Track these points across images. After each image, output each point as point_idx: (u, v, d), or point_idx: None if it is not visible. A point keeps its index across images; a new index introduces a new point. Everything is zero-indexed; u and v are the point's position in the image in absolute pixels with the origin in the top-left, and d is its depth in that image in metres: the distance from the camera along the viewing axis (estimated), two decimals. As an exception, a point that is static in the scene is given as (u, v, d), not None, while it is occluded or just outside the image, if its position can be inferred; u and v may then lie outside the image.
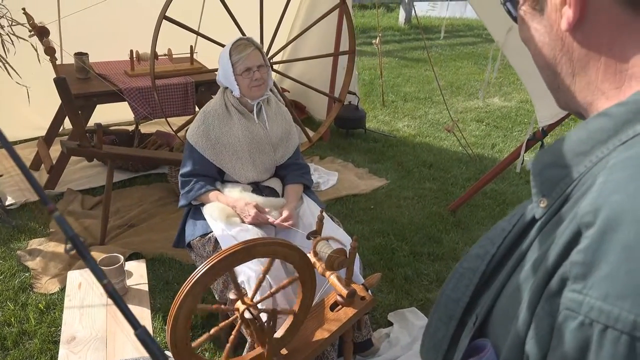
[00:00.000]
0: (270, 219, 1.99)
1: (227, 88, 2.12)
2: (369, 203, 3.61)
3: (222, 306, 1.42)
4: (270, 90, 2.22)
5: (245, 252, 1.34)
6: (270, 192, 2.20)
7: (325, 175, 3.93)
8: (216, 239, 1.99)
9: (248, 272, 1.82)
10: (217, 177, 2.19)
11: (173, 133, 3.47)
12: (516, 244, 0.57)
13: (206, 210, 2.08)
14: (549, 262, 0.47)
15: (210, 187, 2.11)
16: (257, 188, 2.20)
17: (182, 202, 2.15)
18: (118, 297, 0.61)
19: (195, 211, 2.18)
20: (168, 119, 3.38)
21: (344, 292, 1.65)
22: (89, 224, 3.16)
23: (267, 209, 2.04)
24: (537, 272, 0.49)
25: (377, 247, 3.04)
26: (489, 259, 0.59)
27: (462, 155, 4.46)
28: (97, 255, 2.72)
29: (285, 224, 1.97)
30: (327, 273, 1.70)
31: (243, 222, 2.02)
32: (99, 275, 0.60)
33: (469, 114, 5.56)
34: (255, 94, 2.09)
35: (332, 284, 1.69)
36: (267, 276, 1.79)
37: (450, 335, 0.60)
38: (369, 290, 1.81)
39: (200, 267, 1.29)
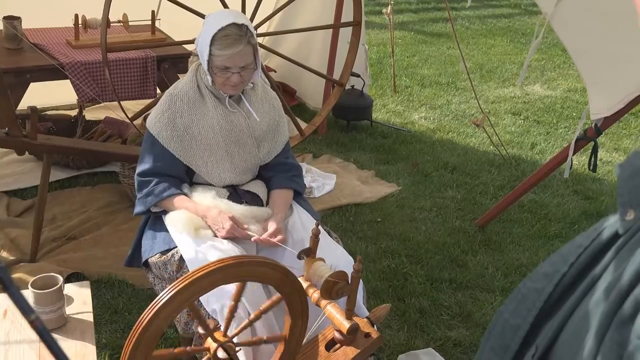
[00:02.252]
0: (252, 235, 1.99)
1: (200, 65, 2.13)
2: (375, 215, 3.62)
3: (189, 347, 1.41)
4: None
5: (228, 272, 1.33)
6: (252, 199, 2.20)
7: (321, 179, 3.94)
8: (181, 257, 1.99)
9: (220, 299, 1.82)
10: (184, 178, 2.19)
11: (128, 120, 3.46)
12: (591, 264, 0.58)
13: (169, 220, 2.07)
14: (623, 282, 0.48)
15: (175, 190, 2.10)
16: (235, 193, 2.20)
17: (138, 208, 2.14)
18: (50, 338, 0.60)
19: (155, 221, 2.17)
20: (122, 102, 3.37)
21: (344, 326, 1.65)
22: (16, 235, 3.14)
23: (246, 221, 2.04)
24: (609, 295, 0.50)
25: (385, 271, 3.05)
26: (558, 279, 0.60)
27: (494, 157, 4.48)
28: (27, 276, 2.72)
29: (274, 239, 1.97)
30: (323, 302, 1.69)
31: (216, 235, 2.02)
32: (25, 309, 0.59)
33: (503, 105, 5.59)
34: (227, 91, 2.11)
35: (329, 317, 1.69)
36: (245, 302, 1.79)
37: None
38: (375, 326, 1.80)
39: (163, 293, 1.28)
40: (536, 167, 4.10)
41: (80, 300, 2.00)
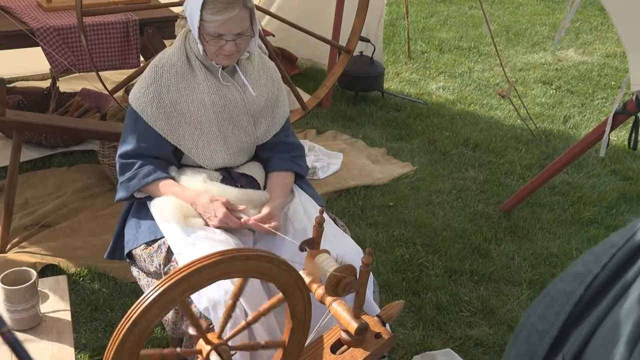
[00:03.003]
0: (244, 218, 2.00)
1: (190, 32, 2.12)
2: (387, 198, 3.63)
3: (179, 349, 1.42)
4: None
5: (221, 267, 1.34)
6: (248, 182, 2.20)
7: (325, 158, 3.94)
8: (169, 248, 2.00)
9: (214, 295, 1.83)
10: (171, 160, 2.19)
11: (107, 93, 3.45)
12: (625, 267, 0.58)
13: (155, 207, 2.08)
14: None
15: (161, 173, 2.11)
16: (229, 176, 2.20)
17: (120, 194, 2.15)
18: (24, 352, 0.60)
19: (139, 208, 2.18)
20: (100, 72, 3.36)
21: (352, 326, 1.66)
22: (-16, 223, 3.16)
23: (241, 207, 2.05)
24: None
25: (398, 262, 3.06)
26: (589, 281, 0.60)
27: (521, 132, 4.47)
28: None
29: (265, 225, 1.98)
30: (328, 299, 1.70)
31: (207, 224, 2.03)
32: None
33: (532, 73, 5.57)
34: (221, 61, 2.11)
35: (335, 316, 1.70)
36: (241, 300, 1.80)
37: None
38: (387, 325, 1.81)
39: (150, 290, 1.29)
40: (569, 144, 4.09)
41: (56, 296, 2.02)
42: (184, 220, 2.01)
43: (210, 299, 1.83)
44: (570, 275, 0.63)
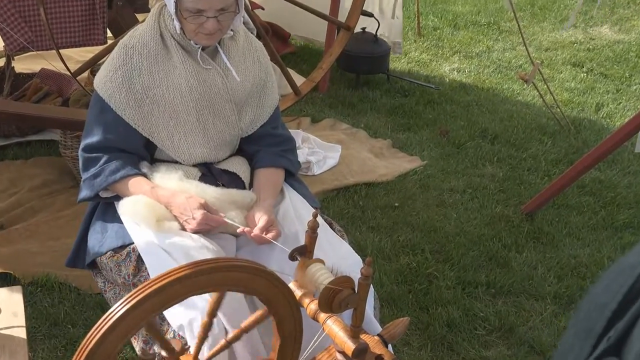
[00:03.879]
0: (235, 225, 2.00)
1: (165, 6, 2.12)
2: (392, 198, 3.63)
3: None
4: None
5: (199, 280, 1.34)
6: (231, 180, 2.20)
7: (321, 151, 3.94)
8: (139, 256, 2.00)
9: (190, 312, 1.83)
10: (143, 155, 2.19)
11: (69, 75, 3.45)
12: None
13: (124, 208, 2.08)
14: None
15: (131, 170, 2.11)
16: (210, 173, 2.20)
17: (84, 192, 2.15)
18: None
19: (105, 209, 2.17)
20: (62, 50, 3.35)
21: (349, 347, 1.66)
22: None
23: (223, 207, 2.05)
24: None
25: (404, 272, 3.07)
26: None
27: (547, 122, 4.48)
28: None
29: (268, 235, 1.99)
30: (322, 316, 1.70)
31: (184, 229, 2.03)
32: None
33: (561, 53, 5.57)
34: (201, 41, 2.11)
35: (330, 335, 1.70)
36: (220, 316, 1.81)
37: (585, 356, 0.66)
38: (390, 346, 1.82)
39: (117, 305, 1.29)
40: (602, 136, 4.10)
41: (9, 310, 2.01)
42: (157, 224, 2.00)
43: (186, 315, 1.83)
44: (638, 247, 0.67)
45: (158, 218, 2.02)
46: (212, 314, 1.46)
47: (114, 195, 2.14)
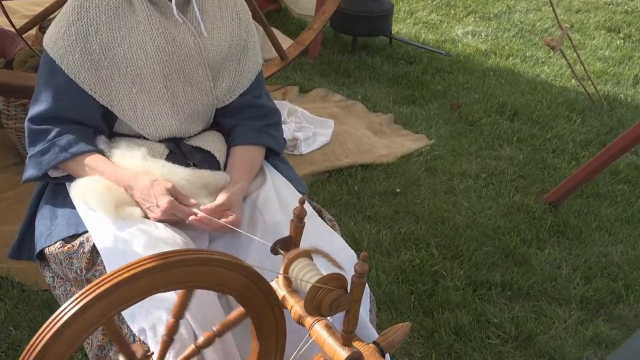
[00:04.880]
0: (195, 213, 1.99)
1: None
2: (392, 183, 3.64)
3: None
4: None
5: (163, 275, 1.34)
6: (203, 159, 2.20)
7: (311, 127, 3.94)
8: (94, 247, 1.99)
9: (153, 312, 1.83)
10: (100, 127, 2.18)
11: (14, 31, 3.43)
12: None
13: (77, 191, 2.07)
14: None
15: (86, 146, 2.09)
16: (179, 150, 2.20)
17: (30, 171, 2.13)
18: None
19: (55, 191, 2.17)
20: (5, 2, 3.33)
21: (340, 355, 1.67)
22: None
23: (193, 192, 2.04)
24: None
25: (405, 270, 3.08)
26: None
27: (576, 96, 4.48)
28: None
29: (222, 220, 1.97)
30: (309, 320, 1.70)
31: (147, 217, 2.02)
32: None
33: (593, 16, 5.57)
34: None
35: (318, 342, 1.70)
36: (188, 317, 1.81)
37: None
38: (387, 355, 1.82)
39: (68, 304, 1.29)
40: (640, 114, 4.12)
41: (-60, 308, 2.02)
42: (116, 210, 1.99)
43: (148, 317, 1.83)
44: None
45: (117, 203, 2.01)
46: (179, 315, 1.46)
47: (65, 175, 2.13)
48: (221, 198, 2.03)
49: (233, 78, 2.26)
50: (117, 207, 2.01)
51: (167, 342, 1.48)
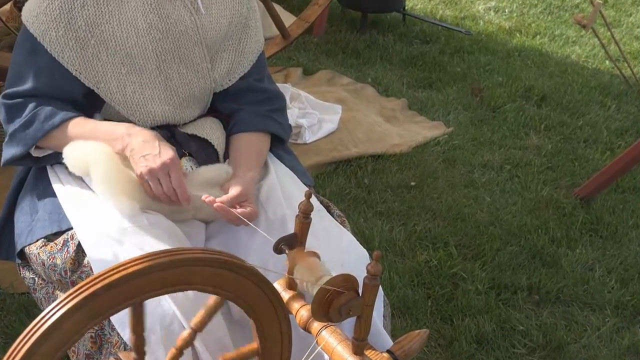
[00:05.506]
0: (205, 197, 1.96)
1: None
2: (407, 175, 3.64)
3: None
4: None
5: (156, 277, 1.34)
6: (199, 148, 2.21)
7: (316, 113, 3.94)
8: (79, 246, 1.99)
9: (147, 319, 1.83)
10: (84, 109, 2.18)
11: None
12: None
13: (76, 160, 2.03)
14: None
15: (69, 113, 2.10)
16: (173, 139, 2.20)
17: (12, 150, 2.13)
18: None
19: (36, 181, 2.18)
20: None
21: (351, 367, 1.67)
22: None
23: (194, 190, 2.03)
24: None
25: (421, 272, 3.08)
26: None
27: (611, 80, 4.47)
28: None
29: (239, 210, 1.98)
30: (317, 326, 1.71)
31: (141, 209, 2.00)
32: None
33: (630, -10, 5.56)
34: None
35: (326, 350, 1.71)
36: (183, 323, 1.80)
37: None
38: (403, 365, 1.83)
39: (51, 308, 1.30)
40: (682, 100, 4.11)
41: None
42: (115, 197, 1.96)
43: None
44: None
45: (119, 189, 1.97)
46: (199, 328, 1.45)
47: (49, 153, 2.13)
48: (236, 189, 2.02)
49: (233, 59, 2.26)
50: (119, 193, 1.97)
51: (176, 355, 1.48)
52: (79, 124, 2.09)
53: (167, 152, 1.99)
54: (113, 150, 2.03)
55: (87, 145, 2.04)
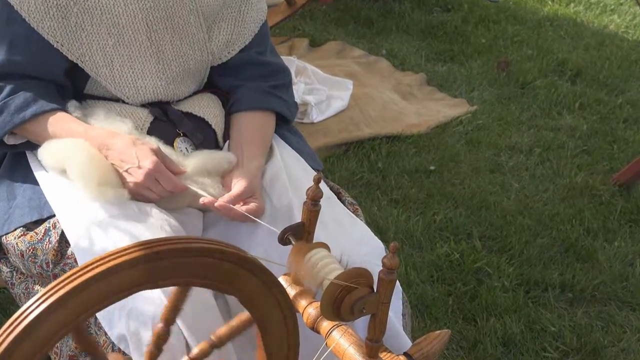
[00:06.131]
0: (204, 197, 1.97)
1: None
2: (425, 159, 3.63)
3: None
4: None
5: (147, 268, 1.34)
6: (196, 129, 2.20)
7: (324, 88, 3.94)
8: (63, 235, 1.99)
9: (135, 317, 1.83)
10: (67, 88, 2.19)
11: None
12: None
13: (50, 158, 2.05)
14: None
15: (48, 104, 2.08)
16: (165, 118, 2.20)
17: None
18: None
19: (12, 165, 2.18)
20: None
21: (364, 371, 1.67)
22: None
23: (187, 178, 2.04)
24: None
25: (442, 267, 3.09)
26: None
27: (654, 54, 4.46)
28: None
29: (242, 207, 1.98)
30: (326, 325, 1.71)
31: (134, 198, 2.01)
32: None
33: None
34: None
35: (337, 353, 1.71)
36: (179, 323, 1.82)
37: None
38: (422, 369, 1.83)
39: (30, 304, 1.30)
40: None
41: None
42: (98, 190, 1.97)
43: (129, 321, 1.84)
44: None
45: (100, 180, 1.99)
46: (170, 319, 1.46)
47: (24, 141, 2.13)
48: (241, 185, 2.02)
49: (232, 29, 2.26)
50: (99, 185, 1.99)
51: (154, 354, 1.48)
52: (55, 120, 2.08)
53: (146, 157, 1.97)
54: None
55: (61, 141, 2.05)
